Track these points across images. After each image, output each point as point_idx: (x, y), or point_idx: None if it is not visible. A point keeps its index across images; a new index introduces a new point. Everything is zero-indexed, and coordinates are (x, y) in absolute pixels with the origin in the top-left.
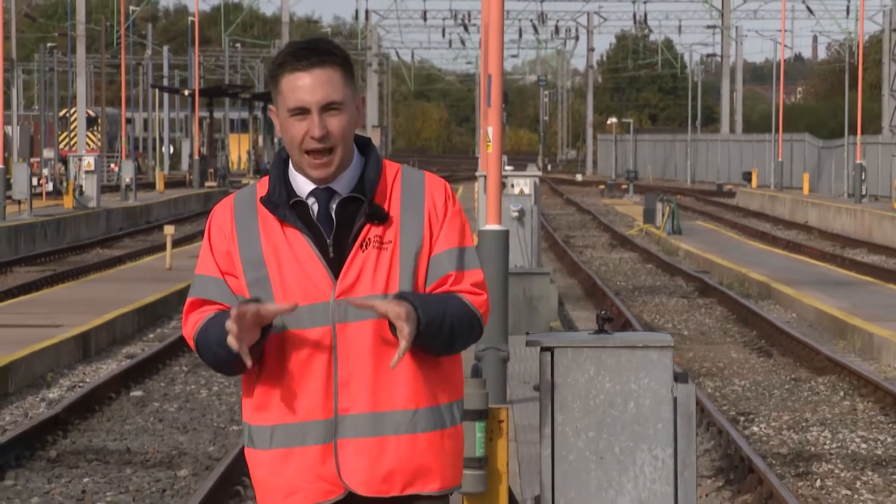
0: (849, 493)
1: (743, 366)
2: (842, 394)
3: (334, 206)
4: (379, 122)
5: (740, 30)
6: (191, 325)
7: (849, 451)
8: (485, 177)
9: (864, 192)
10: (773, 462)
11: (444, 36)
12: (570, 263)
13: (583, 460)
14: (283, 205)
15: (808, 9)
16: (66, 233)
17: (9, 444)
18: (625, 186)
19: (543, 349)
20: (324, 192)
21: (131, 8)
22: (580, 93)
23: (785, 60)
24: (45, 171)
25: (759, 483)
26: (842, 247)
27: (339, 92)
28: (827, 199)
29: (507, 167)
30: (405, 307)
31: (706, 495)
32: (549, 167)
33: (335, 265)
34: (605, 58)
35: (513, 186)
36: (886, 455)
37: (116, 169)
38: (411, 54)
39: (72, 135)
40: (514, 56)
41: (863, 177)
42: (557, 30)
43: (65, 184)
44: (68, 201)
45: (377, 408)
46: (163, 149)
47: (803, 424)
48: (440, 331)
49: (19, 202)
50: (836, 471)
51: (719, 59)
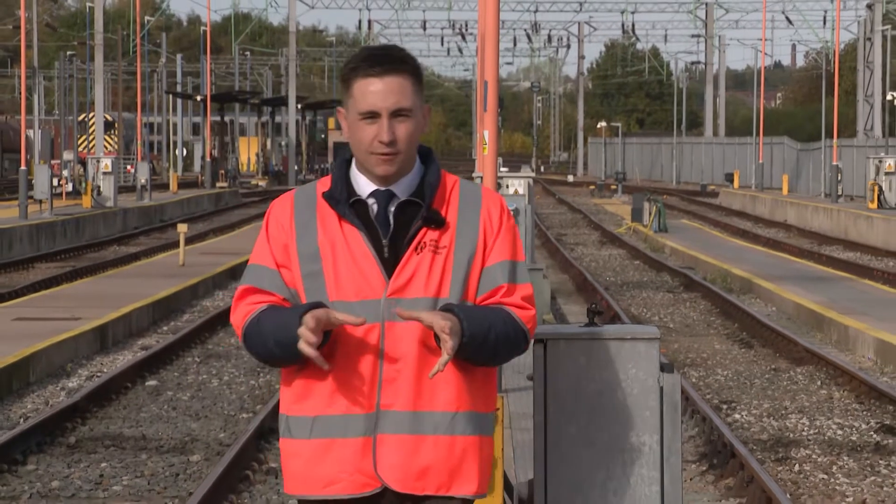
0: (825, 476)
1: (725, 357)
2: (819, 383)
3: (393, 209)
4: None
5: (723, 39)
6: (241, 315)
7: (825, 438)
8: (481, 178)
9: (840, 193)
10: (754, 448)
11: (442, 44)
12: (561, 260)
13: (574, 446)
14: (344, 202)
15: (787, 19)
16: (85, 231)
17: (30, 431)
18: (614, 187)
19: (536, 341)
20: (384, 194)
21: (146, 18)
22: (571, 98)
23: (765, 68)
24: (65, 173)
25: (741, 468)
26: (819, 244)
27: (409, 99)
28: (805, 199)
29: (502, 168)
30: (451, 321)
31: (691, 479)
32: (542, 169)
33: (389, 265)
34: (595, 65)
35: (508, 187)
36: (861, 441)
37: (132, 170)
38: None
39: (90, 138)
40: (508, 63)
41: (839, 178)
42: (550, 39)
43: (83, 184)
44: (87, 201)
45: (418, 407)
46: (176, 151)
47: (782, 412)
48: (483, 344)
49: (40, 202)
50: (814, 456)
51: (703, 66)
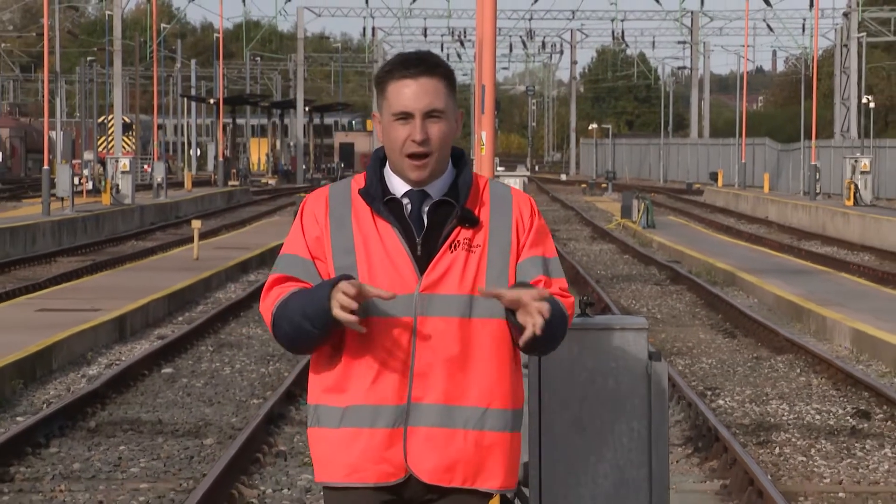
0: (804, 459)
1: (710, 346)
2: (798, 371)
3: (426, 209)
4: None
5: (707, 45)
6: (272, 299)
7: (804, 422)
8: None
9: (818, 191)
10: (737, 432)
11: (442, 50)
12: None
13: (566, 431)
14: (379, 199)
15: (769, 26)
16: (104, 227)
17: (53, 416)
18: (604, 185)
19: None
20: (418, 195)
21: (162, 25)
22: (564, 101)
23: (747, 72)
24: (86, 172)
25: (725, 450)
26: (798, 239)
27: (442, 101)
28: (785, 197)
29: (499, 168)
30: (542, 290)
31: (677, 462)
32: (536, 168)
33: (422, 262)
34: (586, 70)
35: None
36: (838, 425)
37: (149, 169)
38: None
39: (109, 139)
40: (504, 68)
41: (817, 177)
42: (544, 45)
43: (103, 183)
44: (106, 198)
45: (449, 401)
46: (190, 151)
47: (764, 398)
48: (552, 324)
49: (62, 199)
50: (793, 439)
51: (689, 71)
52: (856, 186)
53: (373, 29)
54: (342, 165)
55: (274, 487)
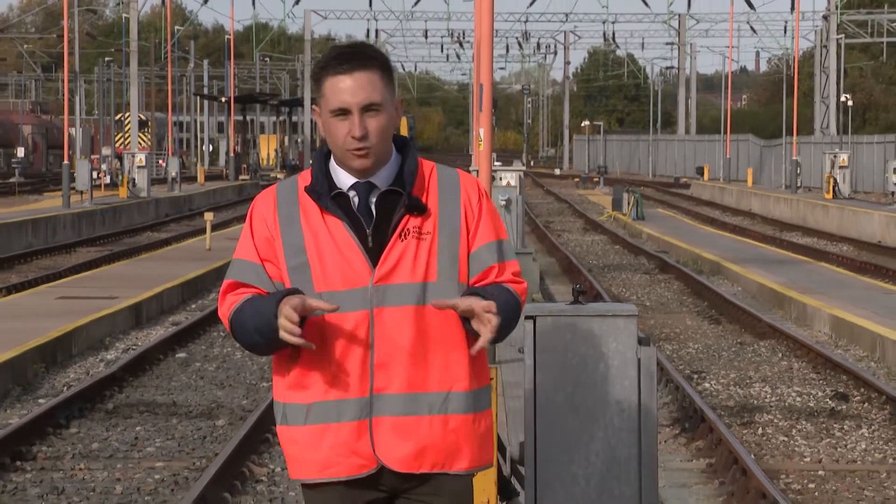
0: (785, 439)
1: (696, 332)
2: (780, 355)
3: (374, 199)
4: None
5: (694, 46)
6: (227, 306)
7: (786, 404)
8: (477, 171)
9: (798, 184)
10: (722, 413)
11: (442, 51)
12: (549, 245)
13: (560, 412)
14: (326, 195)
15: (752, 28)
16: (122, 219)
17: (73, 398)
18: (596, 179)
19: (527, 317)
20: (364, 186)
21: (176, 28)
22: (558, 100)
23: (732, 72)
24: (104, 167)
25: (710, 431)
26: (780, 231)
27: (379, 94)
28: (767, 190)
29: (496, 163)
30: (492, 302)
31: (665, 442)
32: (531, 163)
33: (373, 254)
34: (579, 70)
35: (501, 179)
36: (817, 407)
37: (164, 164)
38: (414, 67)
39: (126, 135)
40: (501, 68)
41: (798, 171)
42: (539, 46)
43: (120, 177)
44: (123, 192)
45: (412, 389)
46: (203, 147)
47: (747, 381)
48: (505, 320)
49: (82, 192)
50: (775, 420)
51: (676, 71)
52: (835, 180)
53: (376, 31)
54: None
55: (282, 466)
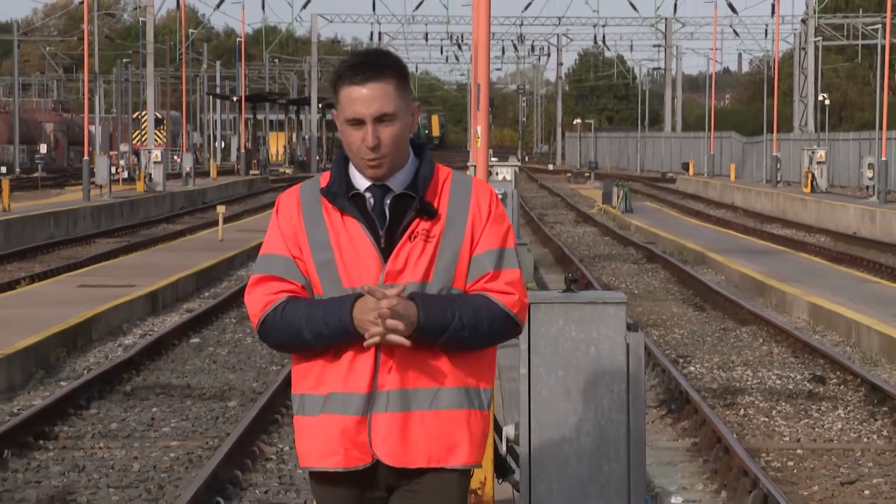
0: (766, 419)
1: (682, 318)
2: (761, 340)
3: (388, 202)
4: None
5: (680, 48)
6: (260, 302)
7: (766, 386)
8: (475, 166)
9: (778, 179)
10: (706, 395)
11: (441, 53)
12: (543, 236)
13: (553, 394)
14: (343, 195)
15: (734, 31)
16: (139, 211)
17: (93, 381)
18: (587, 174)
19: None
20: (379, 189)
21: (190, 31)
22: (551, 99)
23: (715, 73)
24: (122, 162)
25: (695, 412)
26: (761, 223)
27: (392, 104)
28: (749, 185)
29: (492, 159)
30: (404, 306)
31: (652, 422)
32: (526, 159)
33: (386, 254)
34: (571, 71)
35: (497, 174)
36: (796, 389)
37: (179, 160)
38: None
39: (143, 133)
40: (498, 69)
41: (778, 166)
42: (533, 48)
43: (137, 172)
44: (140, 186)
45: (405, 385)
46: (215, 144)
47: (730, 365)
48: (446, 331)
49: (101, 186)
50: (756, 402)
51: (663, 71)
52: (813, 175)
53: (379, 34)
54: None
55: (290, 445)
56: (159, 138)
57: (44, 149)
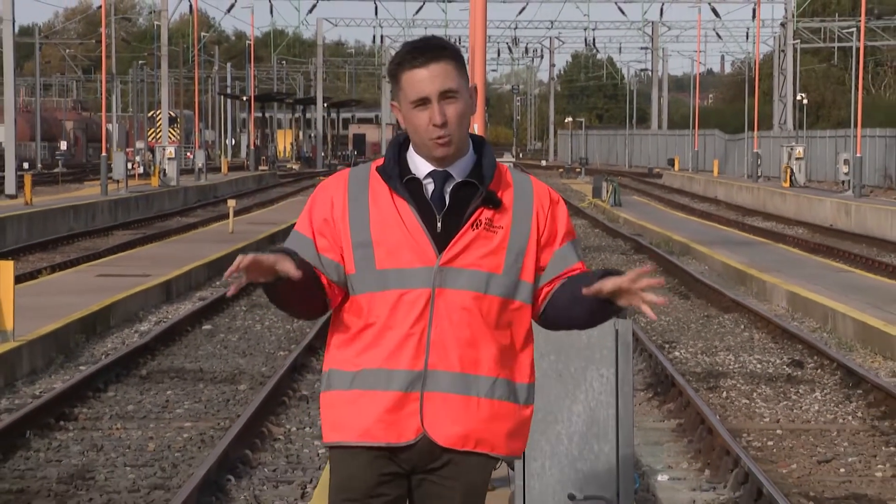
0: (747, 401)
1: (667, 306)
2: (742, 327)
3: (449, 189)
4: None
5: (666, 50)
6: None
7: (747, 370)
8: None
9: (759, 174)
10: (690, 379)
11: None
12: None
13: (546, 377)
14: (396, 178)
15: (717, 34)
16: (154, 205)
17: (110, 365)
18: (578, 170)
19: None
20: (441, 175)
21: (202, 34)
22: (544, 98)
23: (699, 74)
24: (138, 158)
25: (680, 394)
26: (742, 216)
27: (455, 81)
28: (731, 180)
29: None
30: (634, 271)
31: (640, 404)
32: (520, 155)
33: (441, 238)
34: (563, 72)
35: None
36: (776, 373)
37: (191, 156)
38: None
39: (157, 130)
40: (493, 70)
41: (758, 162)
42: (527, 50)
43: (152, 167)
44: (155, 181)
45: (464, 369)
46: (226, 141)
47: (713, 350)
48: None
49: (118, 181)
50: (738, 385)
51: (649, 72)
52: (791, 170)
53: (381, 37)
54: (355, 153)
55: (297, 426)
56: (173, 136)
57: (64, 146)
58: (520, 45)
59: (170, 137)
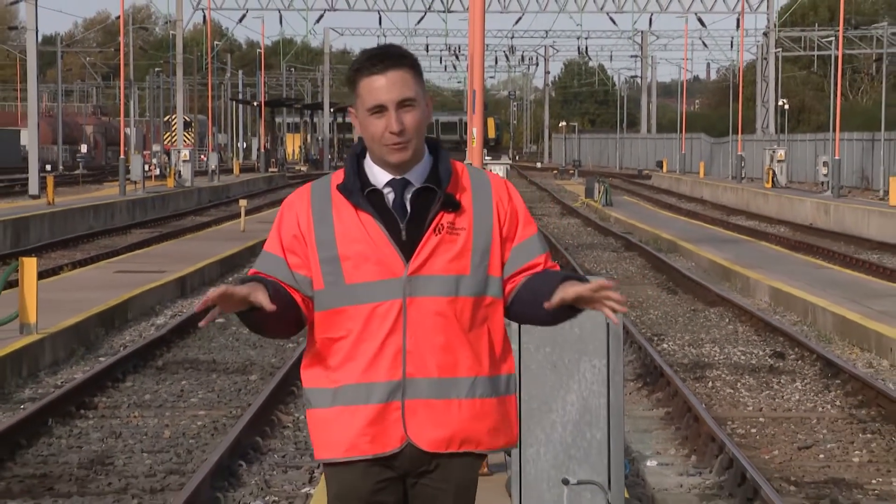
0: (732, 391)
1: (656, 300)
2: (727, 320)
3: (409, 196)
4: None
5: (654, 58)
6: None
7: (732, 362)
8: (470, 164)
9: (743, 176)
10: (678, 369)
11: (440, 62)
12: None
13: (541, 368)
14: (357, 192)
15: (703, 43)
16: (169, 205)
17: (128, 356)
18: (572, 171)
19: None
20: (399, 183)
21: (215, 43)
22: (539, 103)
23: (686, 80)
24: (154, 160)
25: (668, 384)
26: (727, 215)
27: (412, 89)
28: (717, 181)
29: (486, 157)
30: (598, 281)
31: (630, 393)
32: (517, 157)
33: (407, 247)
34: (557, 78)
35: (490, 171)
36: (759, 364)
37: (205, 159)
38: None
39: (173, 134)
40: (491, 77)
41: (742, 164)
42: (523, 58)
43: (168, 169)
44: (170, 182)
45: (442, 374)
46: (238, 144)
47: (699, 342)
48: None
49: (135, 182)
50: (723, 375)
51: (639, 79)
52: (773, 172)
53: None
54: None
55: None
56: (188, 139)
57: (84, 149)
58: (516, 53)
59: (185, 141)
